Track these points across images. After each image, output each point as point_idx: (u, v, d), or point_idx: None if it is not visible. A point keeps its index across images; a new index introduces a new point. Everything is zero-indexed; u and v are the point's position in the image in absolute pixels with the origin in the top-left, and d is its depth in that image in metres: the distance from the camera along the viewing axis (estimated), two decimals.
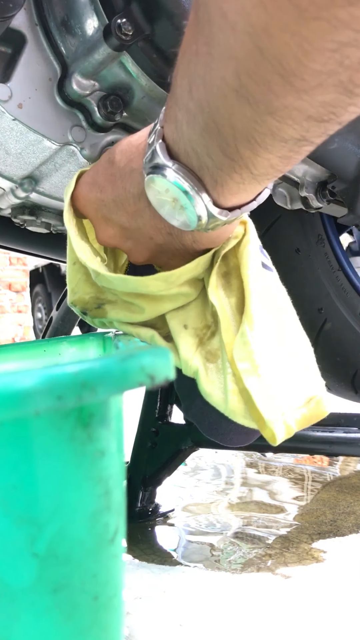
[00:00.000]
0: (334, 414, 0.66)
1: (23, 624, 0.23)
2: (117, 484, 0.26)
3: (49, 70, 0.60)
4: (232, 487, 0.83)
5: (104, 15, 0.55)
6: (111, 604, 0.26)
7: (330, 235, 0.96)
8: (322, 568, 0.56)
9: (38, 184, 0.73)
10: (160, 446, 0.70)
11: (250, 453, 1.01)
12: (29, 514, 0.23)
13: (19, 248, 1.10)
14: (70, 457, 0.24)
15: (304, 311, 0.98)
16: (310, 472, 0.89)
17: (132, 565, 0.57)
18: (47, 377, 0.20)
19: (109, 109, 0.61)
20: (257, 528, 0.66)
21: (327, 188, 0.71)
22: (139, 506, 0.69)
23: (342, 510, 0.71)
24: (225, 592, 0.51)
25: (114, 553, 0.26)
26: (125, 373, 0.22)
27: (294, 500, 0.76)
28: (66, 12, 0.58)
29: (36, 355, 0.58)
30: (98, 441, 0.24)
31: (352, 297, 0.97)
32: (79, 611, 0.24)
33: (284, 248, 0.95)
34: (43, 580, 0.23)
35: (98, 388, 0.21)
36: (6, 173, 0.71)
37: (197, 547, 0.61)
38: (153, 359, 0.23)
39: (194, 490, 0.81)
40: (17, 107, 0.59)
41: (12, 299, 4.34)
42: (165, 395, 0.71)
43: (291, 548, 0.60)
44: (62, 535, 0.24)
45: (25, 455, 0.23)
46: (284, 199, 0.76)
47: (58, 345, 0.59)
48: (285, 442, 0.66)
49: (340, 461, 0.96)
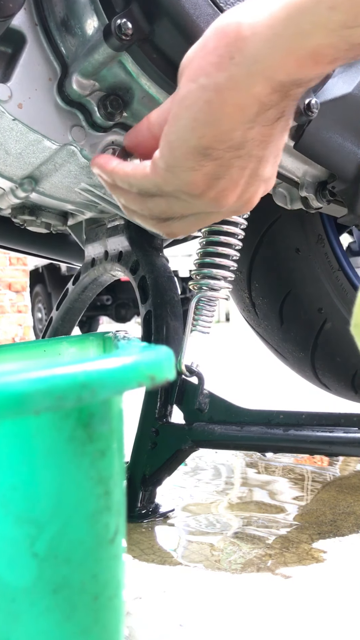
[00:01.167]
0: (334, 414, 0.66)
1: (23, 624, 0.23)
2: (117, 484, 0.26)
3: (49, 70, 0.60)
4: (232, 487, 0.83)
5: (104, 15, 0.55)
6: (111, 604, 0.26)
7: (330, 235, 0.96)
8: (322, 568, 0.56)
9: (38, 184, 0.73)
10: (160, 446, 0.70)
11: (250, 453, 1.01)
12: (29, 514, 0.23)
13: (19, 248, 1.10)
14: (70, 457, 0.24)
15: (304, 311, 0.99)
16: (310, 472, 0.89)
17: (132, 565, 0.57)
18: (47, 377, 0.20)
19: (109, 109, 0.61)
20: (257, 528, 0.66)
21: (327, 188, 0.71)
22: (139, 506, 0.69)
23: (342, 510, 0.71)
24: (225, 592, 0.52)
25: (114, 553, 0.26)
26: (125, 373, 0.22)
27: (294, 500, 0.76)
28: (66, 12, 0.58)
29: (36, 355, 0.58)
30: (98, 441, 0.24)
31: (352, 297, 0.97)
32: (79, 611, 0.24)
33: (284, 248, 0.95)
34: (43, 580, 0.23)
35: (98, 388, 0.21)
36: (6, 173, 0.71)
37: (197, 547, 0.61)
38: (153, 359, 0.23)
39: (194, 490, 0.81)
40: (17, 107, 0.59)
41: (12, 299, 4.34)
42: (165, 395, 0.71)
43: (291, 548, 0.60)
44: (62, 535, 0.24)
45: (25, 455, 0.23)
46: (284, 199, 0.76)
47: (58, 345, 0.59)
48: (285, 442, 0.66)
49: (340, 461, 0.96)
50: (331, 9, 0.38)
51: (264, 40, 0.41)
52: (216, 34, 0.43)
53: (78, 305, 0.96)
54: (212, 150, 0.45)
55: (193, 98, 0.44)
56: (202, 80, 0.43)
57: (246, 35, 0.41)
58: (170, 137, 0.46)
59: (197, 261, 0.72)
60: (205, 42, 0.44)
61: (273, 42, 0.41)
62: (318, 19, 0.39)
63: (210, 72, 0.43)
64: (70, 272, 5.67)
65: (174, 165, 0.47)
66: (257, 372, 2.52)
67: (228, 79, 0.43)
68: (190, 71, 0.44)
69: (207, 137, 0.45)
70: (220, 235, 0.69)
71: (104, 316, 6.88)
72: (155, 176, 0.49)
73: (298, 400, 1.63)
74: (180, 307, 0.75)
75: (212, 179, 0.47)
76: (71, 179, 0.71)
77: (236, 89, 0.43)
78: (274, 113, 0.45)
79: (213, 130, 0.44)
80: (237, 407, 0.70)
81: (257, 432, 0.67)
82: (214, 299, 0.72)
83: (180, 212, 0.52)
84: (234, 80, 0.43)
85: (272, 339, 1.06)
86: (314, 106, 0.60)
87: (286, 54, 0.41)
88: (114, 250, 0.83)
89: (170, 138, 0.46)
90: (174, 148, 0.46)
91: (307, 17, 0.39)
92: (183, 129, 0.45)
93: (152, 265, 0.76)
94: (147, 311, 0.74)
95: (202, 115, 0.44)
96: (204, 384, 0.70)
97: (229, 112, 0.44)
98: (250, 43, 0.41)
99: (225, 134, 0.45)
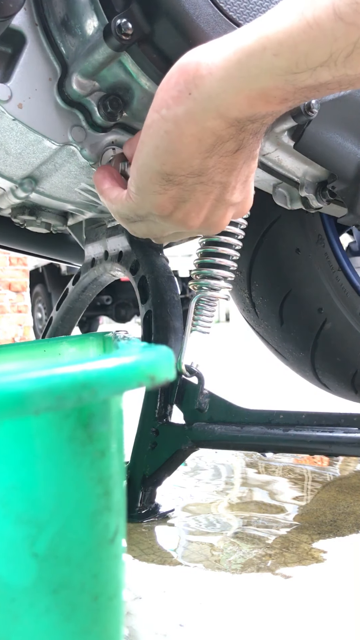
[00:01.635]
0: (334, 414, 0.66)
1: (23, 624, 0.23)
2: (117, 484, 0.26)
3: (49, 70, 0.60)
4: (232, 487, 0.83)
5: (104, 15, 0.55)
6: (111, 604, 0.26)
7: (330, 235, 0.96)
8: (322, 568, 0.56)
9: (38, 184, 0.73)
10: (160, 446, 0.70)
11: (250, 453, 1.01)
12: (29, 514, 0.23)
13: (19, 248, 1.10)
14: (70, 457, 0.24)
15: (304, 311, 0.99)
16: (310, 472, 0.89)
17: (132, 565, 0.57)
18: (47, 377, 0.20)
19: (109, 109, 0.61)
20: (257, 528, 0.66)
21: (327, 188, 0.71)
22: (139, 506, 0.69)
23: (342, 510, 0.71)
24: (225, 592, 0.52)
25: (114, 553, 0.26)
26: (125, 373, 0.22)
27: (294, 500, 0.76)
28: (66, 12, 0.58)
29: (36, 355, 0.58)
30: (98, 441, 0.24)
31: (352, 297, 0.97)
32: (79, 611, 0.24)
33: (284, 248, 0.95)
34: (43, 580, 0.23)
35: (98, 388, 0.21)
36: (6, 173, 0.71)
37: (197, 547, 0.61)
38: (153, 359, 0.23)
39: (194, 490, 0.81)
40: (17, 107, 0.59)
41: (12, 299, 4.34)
42: (165, 395, 0.71)
43: (291, 548, 0.60)
44: (62, 535, 0.24)
45: (25, 455, 0.23)
46: (284, 199, 0.76)
47: (58, 345, 0.59)
48: (285, 442, 0.66)
49: (340, 461, 0.96)
50: (275, 56, 0.41)
51: (218, 80, 0.44)
52: (179, 70, 0.47)
53: (78, 305, 0.96)
54: (174, 176, 0.49)
55: (155, 127, 0.48)
56: (164, 112, 0.47)
57: (203, 74, 0.45)
58: (138, 162, 0.50)
59: (197, 261, 0.72)
60: (169, 76, 0.48)
61: (226, 82, 0.44)
62: (264, 64, 0.42)
63: (170, 105, 0.47)
64: (70, 272, 5.67)
65: (142, 189, 0.51)
66: (257, 372, 2.52)
67: (185, 113, 0.46)
68: (155, 102, 0.48)
69: (168, 164, 0.49)
70: (220, 235, 0.69)
71: (104, 316, 6.88)
72: (129, 201, 0.53)
73: (298, 400, 1.63)
74: (180, 307, 0.75)
75: (178, 201, 0.52)
76: (71, 179, 0.71)
77: (193, 122, 0.47)
78: (232, 145, 0.48)
79: (173, 158, 0.48)
80: (237, 407, 0.70)
81: (257, 432, 0.67)
82: (214, 299, 0.72)
83: (159, 234, 0.57)
84: (190, 113, 0.46)
85: (272, 339, 1.06)
86: (314, 106, 0.60)
87: (237, 93, 0.44)
88: (114, 250, 0.83)
89: (138, 163, 0.50)
90: (142, 173, 0.50)
91: (255, 62, 0.43)
92: (147, 155, 0.49)
93: (152, 265, 0.76)
94: (147, 311, 0.74)
95: (163, 144, 0.48)
96: (204, 384, 0.70)
97: (187, 142, 0.47)
98: (206, 81, 0.45)
99: (185, 162, 0.49)
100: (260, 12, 0.58)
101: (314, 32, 0.40)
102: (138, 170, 0.51)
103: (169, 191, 0.50)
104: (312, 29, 0.40)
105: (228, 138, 0.47)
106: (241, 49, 0.43)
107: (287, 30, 0.40)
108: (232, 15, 0.56)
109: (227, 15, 0.56)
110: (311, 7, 0.40)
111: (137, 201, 0.52)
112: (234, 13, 0.56)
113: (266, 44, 0.42)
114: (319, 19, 0.39)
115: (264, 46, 0.42)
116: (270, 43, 0.41)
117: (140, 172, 0.50)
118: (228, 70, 0.44)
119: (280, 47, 0.41)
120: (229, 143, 0.48)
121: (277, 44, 0.41)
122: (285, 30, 0.41)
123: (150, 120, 0.48)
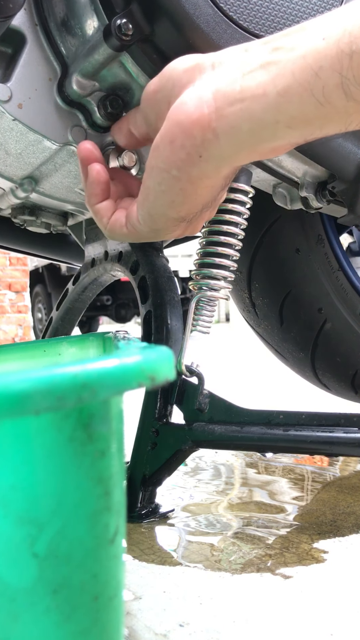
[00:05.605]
0: (334, 414, 0.66)
1: (23, 624, 0.23)
2: (117, 484, 0.26)
3: (49, 70, 0.60)
4: (232, 487, 0.83)
5: (104, 16, 0.55)
6: (111, 604, 0.26)
7: (330, 235, 0.96)
8: (322, 568, 0.56)
9: (38, 184, 0.73)
10: (161, 446, 0.70)
11: (250, 453, 1.01)
12: (29, 514, 0.23)
13: (19, 248, 1.10)
14: (70, 457, 0.24)
15: (304, 311, 0.99)
16: (310, 472, 0.89)
17: (132, 565, 0.57)
18: (47, 378, 0.20)
19: (109, 109, 0.61)
20: (257, 528, 0.66)
21: (327, 188, 0.71)
22: (139, 506, 0.69)
23: (342, 511, 0.71)
24: (225, 592, 0.52)
25: (114, 553, 0.26)
26: (125, 373, 0.22)
27: (294, 500, 0.76)
28: (66, 12, 0.58)
29: (36, 355, 0.58)
30: (98, 441, 0.24)
31: (352, 297, 0.97)
32: (79, 611, 0.24)
33: (284, 248, 0.95)
34: (43, 580, 0.23)
35: (98, 388, 0.21)
36: (6, 173, 0.71)
37: (197, 547, 0.61)
38: (153, 359, 0.23)
39: (194, 491, 0.81)
40: (17, 107, 0.59)
41: (12, 299, 4.35)
42: (165, 395, 0.71)
43: (291, 548, 0.60)
44: (62, 535, 0.24)
45: (25, 455, 0.23)
46: (284, 199, 0.76)
47: (58, 345, 0.59)
48: (285, 442, 0.66)
49: (340, 461, 0.96)
50: (289, 128, 0.43)
51: (229, 145, 0.45)
52: (182, 132, 0.47)
53: (78, 306, 0.96)
54: (189, 215, 0.53)
55: (168, 185, 0.49)
56: (174, 172, 0.48)
57: (210, 137, 0.46)
58: (151, 211, 0.52)
59: (197, 261, 0.72)
60: (172, 136, 0.47)
61: (237, 146, 0.46)
62: (279, 133, 0.44)
63: (181, 167, 0.48)
64: (70, 272, 5.67)
65: (157, 229, 0.54)
66: (257, 372, 2.52)
67: (199, 172, 0.48)
68: (159, 159, 0.49)
69: (184, 211, 0.51)
70: (220, 235, 0.69)
71: (104, 316, 6.88)
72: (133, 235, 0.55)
73: (298, 400, 1.63)
74: (180, 307, 0.75)
75: (187, 227, 0.55)
76: (71, 179, 0.71)
77: (207, 178, 0.49)
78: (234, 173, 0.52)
79: (189, 207, 0.51)
80: (237, 407, 0.70)
81: (257, 432, 0.67)
82: (214, 299, 0.72)
83: None
84: (203, 172, 0.48)
85: (272, 339, 1.06)
86: None
87: (250, 152, 0.46)
88: (114, 250, 0.83)
89: (151, 212, 0.52)
90: (156, 219, 0.52)
91: (268, 133, 0.44)
92: (162, 207, 0.51)
93: (152, 266, 0.76)
94: (147, 311, 0.74)
95: (179, 199, 0.50)
96: (204, 384, 0.70)
97: (202, 193, 0.50)
98: (216, 145, 0.46)
99: (200, 205, 0.52)
100: (260, 12, 0.57)
101: (326, 110, 0.41)
102: (152, 218, 0.52)
103: (183, 224, 0.54)
104: (324, 107, 0.40)
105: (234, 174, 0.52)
106: (249, 118, 0.43)
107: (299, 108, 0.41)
108: (233, 16, 0.56)
109: (227, 16, 0.56)
110: (320, 85, 0.40)
111: (149, 236, 0.55)
112: (234, 13, 0.56)
113: (279, 117, 0.42)
114: (329, 97, 0.40)
115: (276, 120, 0.42)
116: (283, 117, 0.42)
117: (154, 219, 0.52)
118: (239, 136, 0.45)
119: (293, 121, 0.42)
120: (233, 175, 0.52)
121: (290, 119, 0.42)
122: (297, 108, 0.41)
123: (160, 178, 0.49)
